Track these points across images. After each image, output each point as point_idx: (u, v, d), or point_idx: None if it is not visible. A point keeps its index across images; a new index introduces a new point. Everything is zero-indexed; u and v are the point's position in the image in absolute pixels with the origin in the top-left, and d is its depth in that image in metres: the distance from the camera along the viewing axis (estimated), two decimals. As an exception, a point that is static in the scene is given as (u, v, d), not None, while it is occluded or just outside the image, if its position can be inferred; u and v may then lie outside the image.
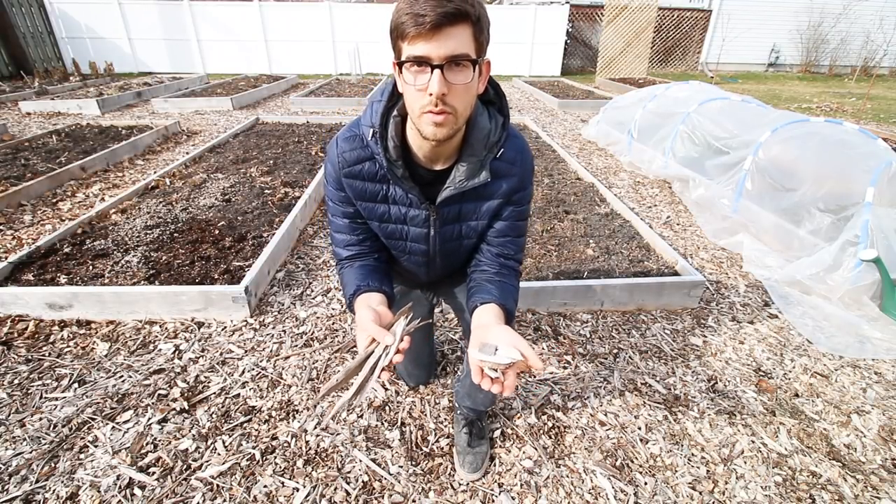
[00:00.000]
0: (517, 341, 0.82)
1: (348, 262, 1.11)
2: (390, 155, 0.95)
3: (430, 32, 0.74)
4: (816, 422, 1.61)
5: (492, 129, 0.97)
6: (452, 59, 0.77)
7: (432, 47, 0.75)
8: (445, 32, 0.75)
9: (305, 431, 1.50)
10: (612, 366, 1.84)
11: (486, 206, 1.05)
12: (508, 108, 1.01)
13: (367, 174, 1.01)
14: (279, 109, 7.00)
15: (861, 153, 2.49)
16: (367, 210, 1.06)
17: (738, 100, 3.71)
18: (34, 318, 1.99)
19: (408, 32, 0.75)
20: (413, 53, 0.77)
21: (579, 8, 12.17)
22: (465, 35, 0.77)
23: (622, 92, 7.19)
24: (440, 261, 1.17)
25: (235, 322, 2.04)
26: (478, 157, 0.96)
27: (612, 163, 4.53)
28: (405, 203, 1.03)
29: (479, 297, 1.03)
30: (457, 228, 1.09)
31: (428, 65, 0.77)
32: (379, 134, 0.94)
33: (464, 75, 0.80)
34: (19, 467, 1.35)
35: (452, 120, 0.84)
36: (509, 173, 1.02)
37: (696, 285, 2.18)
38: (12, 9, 9.16)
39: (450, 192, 0.98)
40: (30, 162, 3.95)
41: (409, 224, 1.07)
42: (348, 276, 1.08)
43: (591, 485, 1.36)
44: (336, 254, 1.15)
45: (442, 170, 1.00)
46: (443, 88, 0.78)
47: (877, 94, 9.44)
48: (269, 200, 3.20)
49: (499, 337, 0.85)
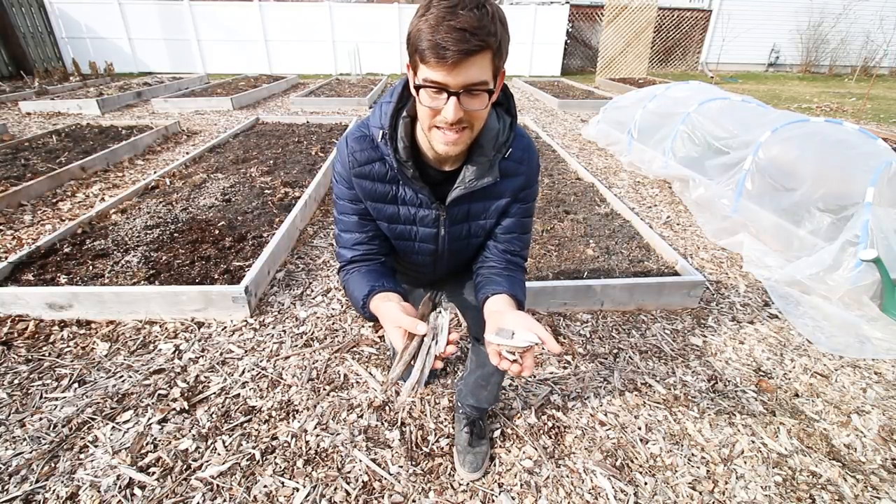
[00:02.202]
0: (533, 325, 0.83)
1: (355, 267, 1.07)
2: (400, 156, 0.95)
3: (450, 67, 0.75)
4: (816, 422, 1.61)
5: (500, 129, 0.98)
6: (469, 87, 0.78)
7: (451, 77, 0.76)
8: (467, 63, 0.76)
9: (305, 431, 1.50)
10: (612, 366, 1.84)
11: (494, 206, 1.07)
12: (516, 108, 1.02)
13: (377, 175, 1.01)
14: (279, 109, 7.00)
15: (861, 153, 2.48)
16: (375, 211, 1.06)
17: (738, 100, 3.71)
18: (34, 318, 1.99)
19: (428, 60, 0.76)
20: (431, 79, 0.78)
21: (579, 8, 12.17)
22: (484, 63, 0.78)
23: (622, 92, 7.19)
24: (447, 259, 1.18)
25: (235, 322, 2.04)
26: (487, 157, 0.97)
27: (612, 163, 4.53)
28: (415, 203, 1.04)
29: (490, 289, 1.03)
30: (465, 228, 1.10)
31: (445, 91, 0.78)
32: (388, 135, 0.94)
33: (479, 101, 0.81)
34: (19, 467, 1.35)
35: (467, 137, 0.87)
36: (517, 172, 1.04)
37: (696, 285, 2.18)
38: (12, 9, 9.16)
39: (460, 191, 0.99)
40: (30, 162, 3.95)
41: (418, 224, 1.07)
42: (357, 280, 1.04)
43: (591, 485, 1.36)
44: (340, 256, 1.10)
45: (451, 170, 1.01)
46: (458, 114, 0.80)
47: (877, 94, 9.44)
48: (269, 200, 3.20)
49: (515, 322, 0.86)
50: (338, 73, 11.36)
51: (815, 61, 13.15)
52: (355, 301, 1.02)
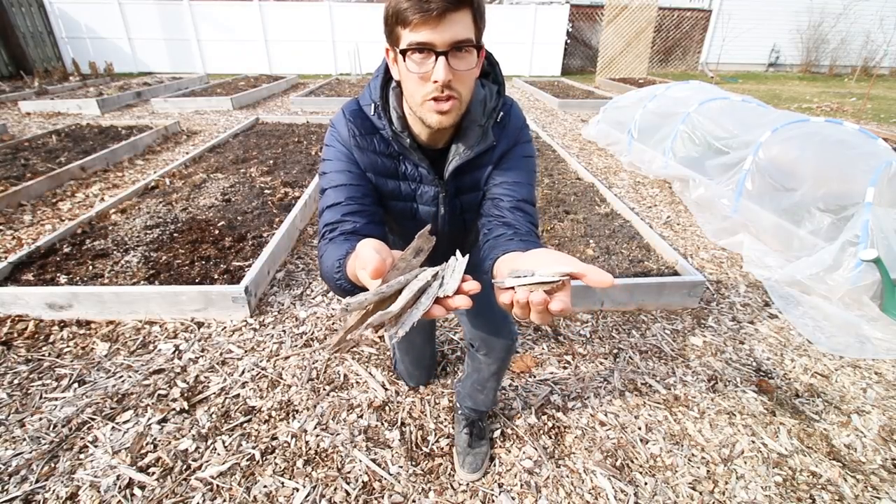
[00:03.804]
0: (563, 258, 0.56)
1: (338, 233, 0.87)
2: (395, 126, 0.94)
3: (435, 20, 0.73)
4: (816, 422, 1.61)
5: (486, 94, 0.96)
6: (456, 45, 0.76)
7: (436, 34, 0.75)
8: (449, 19, 0.74)
9: (305, 431, 1.50)
10: (612, 366, 1.84)
11: (483, 176, 1.02)
12: (503, 76, 0.99)
13: (378, 149, 0.98)
14: (279, 109, 7.00)
15: (861, 153, 2.48)
16: (377, 185, 1.02)
17: (739, 100, 3.71)
18: (34, 318, 1.99)
19: (411, 19, 0.74)
20: (416, 40, 0.76)
21: (579, 8, 12.16)
22: (466, 20, 0.77)
23: (622, 92, 7.19)
24: (445, 241, 1.15)
25: (235, 322, 2.04)
26: (479, 123, 0.95)
27: (612, 163, 4.53)
28: (415, 179, 1.01)
29: (500, 250, 0.79)
30: (457, 203, 1.07)
31: (432, 52, 0.77)
32: (381, 106, 0.93)
33: (467, 61, 0.80)
34: (19, 467, 1.35)
35: (458, 106, 0.83)
36: (500, 136, 0.99)
37: (696, 285, 2.18)
38: (12, 9, 9.15)
39: (457, 161, 0.97)
40: (30, 162, 3.95)
41: (418, 202, 1.05)
42: (332, 249, 0.83)
43: (591, 485, 1.36)
44: (324, 222, 0.90)
45: (444, 148, 0.99)
46: (448, 75, 0.78)
47: (877, 94, 9.43)
48: (268, 200, 3.20)
49: (536, 260, 0.60)
50: (338, 73, 11.35)
51: (816, 61, 13.15)
52: (329, 268, 0.79)
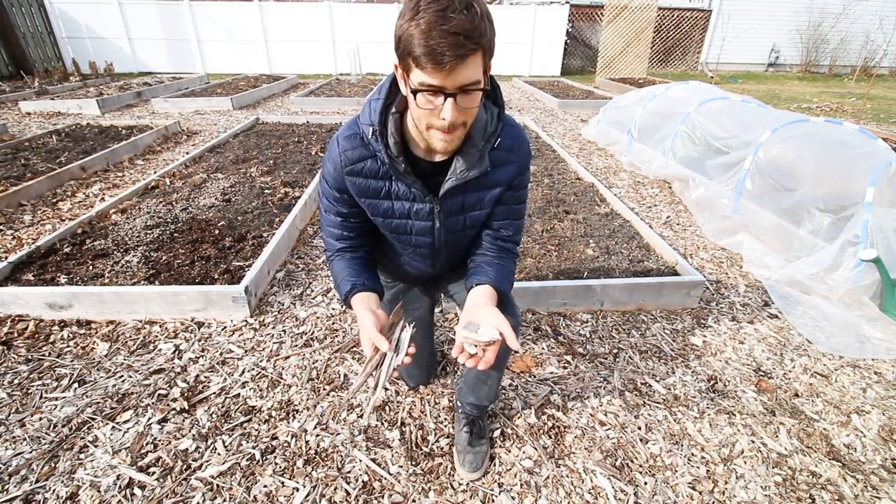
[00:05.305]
0: (499, 322, 0.91)
1: (339, 255, 1.16)
2: (391, 151, 0.97)
3: (447, 71, 0.77)
4: (816, 422, 1.61)
5: (488, 119, 1.00)
6: (465, 88, 0.80)
7: (448, 80, 0.78)
8: (461, 67, 0.77)
9: (305, 431, 1.50)
10: (612, 366, 1.84)
11: (489, 196, 1.08)
12: (503, 99, 1.03)
13: (370, 171, 1.02)
14: (279, 109, 7.00)
15: (861, 153, 2.48)
16: (371, 207, 1.08)
17: (738, 100, 3.71)
18: (34, 318, 1.99)
19: (424, 66, 0.77)
20: (428, 83, 0.79)
21: (579, 8, 12.16)
22: (476, 62, 0.80)
23: (622, 92, 7.19)
24: (445, 252, 1.19)
25: (235, 322, 2.04)
26: (477, 147, 0.99)
27: (612, 163, 4.53)
28: (408, 198, 1.05)
29: (476, 279, 1.10)
30: (461, 220, 1.11)
31: (441, 93, 0.80)
32: (379, 132, 0.96)
33: (473, 99, 0.84)
34: (19, 467, 1.35)
35: (462, 134, 0.91)
36: (507, 161, 1.06)
37: (695, 285, 2.18)
38: (12, 9, 9.15)
39: (452, 182, 1.01)
40: (30, 162, 3.95)
41: (413, 218, 1.09)
42: (340, 269, 1.14)
43: (591, 485, 1.36)
44: (327, 244, 1.19)
45: (442, 161, 1.02)
46: (455, 115, 0.82)
47: (877, 94, 9.44)
48: (269, 200, 3.20)
49: (484, 317, 0.94)
50: (338, 73, 11.36)
51: (815, 61, 13.15)
52: (339, 291, 1.12)
